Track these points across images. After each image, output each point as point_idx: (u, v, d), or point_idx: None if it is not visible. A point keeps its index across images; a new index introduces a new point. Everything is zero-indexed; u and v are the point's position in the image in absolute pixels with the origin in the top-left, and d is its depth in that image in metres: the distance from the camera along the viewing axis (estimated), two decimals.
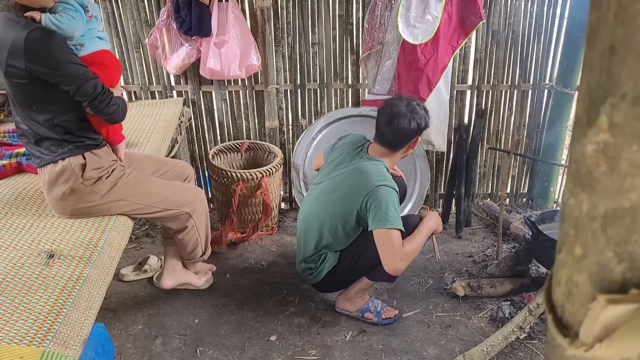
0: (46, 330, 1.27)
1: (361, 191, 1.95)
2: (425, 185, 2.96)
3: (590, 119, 0.38)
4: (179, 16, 2.63)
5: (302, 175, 2.95)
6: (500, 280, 2.43)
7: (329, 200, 2.08)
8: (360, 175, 1.99)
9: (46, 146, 1.76)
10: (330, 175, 2.13)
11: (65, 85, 1.65)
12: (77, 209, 1.81)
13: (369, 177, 1.96)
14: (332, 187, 2.09)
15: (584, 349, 0.40)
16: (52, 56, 1.61)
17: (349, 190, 2.01)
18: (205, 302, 2.38)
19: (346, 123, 2.90)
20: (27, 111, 1.71)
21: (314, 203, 2.15)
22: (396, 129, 1.96)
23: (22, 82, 1.63)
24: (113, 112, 1.77)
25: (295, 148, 2.94)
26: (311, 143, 2.92)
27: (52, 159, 1.76)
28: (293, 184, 3.01)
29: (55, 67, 1.62)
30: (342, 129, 2.85)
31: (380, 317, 2.24)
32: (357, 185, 1.98)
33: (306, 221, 2.16)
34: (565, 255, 0.43)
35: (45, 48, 1.60)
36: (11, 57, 1.58)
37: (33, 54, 1.57)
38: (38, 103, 1.69)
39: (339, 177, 2.08)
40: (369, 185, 1.93)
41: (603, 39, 0.36)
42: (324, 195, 2.11)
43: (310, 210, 2.15)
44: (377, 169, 1.99)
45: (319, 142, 2.91)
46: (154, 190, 1.98)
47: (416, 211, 2.89)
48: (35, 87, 1.64)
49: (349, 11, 2.77)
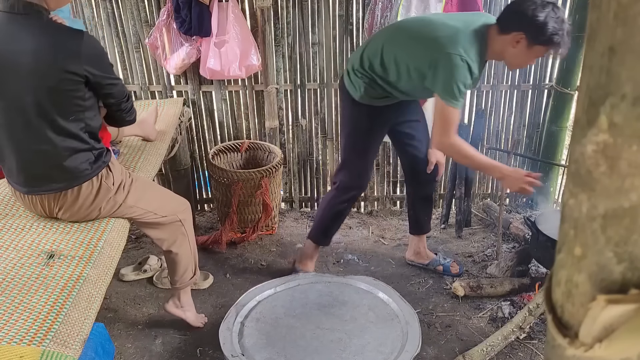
0: (46, 330, 1.27)
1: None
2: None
3: (590, 119, 0.38)
4: (179, 16, 2.63)
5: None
6: (500, 280, 2.43)
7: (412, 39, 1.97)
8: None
9: (79, 162, 1.64)
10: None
11: (110, 88, 1.64)
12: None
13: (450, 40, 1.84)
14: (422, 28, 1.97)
15: (583, 349, 0.40)
16: (104, 58, 1.62)
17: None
18: (205, 302, 2.38)
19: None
20: (63, 124, 1.58)
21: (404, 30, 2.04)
22: (513, 2, 1.87)
23: (70, 90, 1.55)
24: (134, 111, 1.78)
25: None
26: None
27: (88, 175, 1.66)
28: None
29: (106, 69, 1.61)
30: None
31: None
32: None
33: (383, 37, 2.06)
34: (565, 256, 0.43)
35: (99, 50, 1.60)
36: (69, 62, 1.51)
37: (92, 58, 1.55)
38: (76, 111, 1.60)
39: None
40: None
41: (603, 39, 0.36)
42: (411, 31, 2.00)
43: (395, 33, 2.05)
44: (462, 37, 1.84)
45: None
46: (158, 194, 1.95)
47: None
48: (79, 92, 1.57)
49: (349, 11, 2.77)
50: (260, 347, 1.91)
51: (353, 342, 1.94)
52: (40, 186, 1.66)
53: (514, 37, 1.82)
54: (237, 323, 2.01)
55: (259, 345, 1.92)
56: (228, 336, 1.93)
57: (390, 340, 1.94)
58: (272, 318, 2.06)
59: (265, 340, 1.94)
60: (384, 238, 2.94)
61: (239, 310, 2.07)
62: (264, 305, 2.13)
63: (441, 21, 1.93)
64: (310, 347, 1.92)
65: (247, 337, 1.96)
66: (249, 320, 2.04)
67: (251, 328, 2.01)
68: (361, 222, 3.12)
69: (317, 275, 2.32)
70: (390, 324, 2.02)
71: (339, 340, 1.95)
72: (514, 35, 1.82)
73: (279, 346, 1.92)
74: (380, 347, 1.91)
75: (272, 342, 1.93)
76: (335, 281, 2.28)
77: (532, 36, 1.79)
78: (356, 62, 2.07)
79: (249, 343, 1.93)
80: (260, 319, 2.06)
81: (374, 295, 2.18)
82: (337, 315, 2.08)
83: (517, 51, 1.86)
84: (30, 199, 1.71)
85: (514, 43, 1.84)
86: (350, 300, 2.16)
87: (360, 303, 2.14)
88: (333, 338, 1.96)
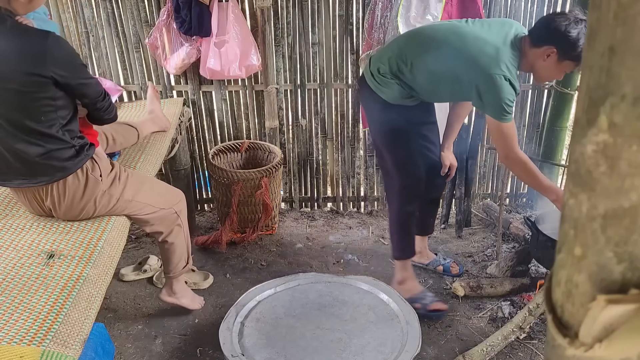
0: (46, 330, 1.27)
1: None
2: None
3: (590, 119, 0.38)
4: (179, 16, 2.63)
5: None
6: (500, 280, 2.43)
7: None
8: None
9: (58, 159, 1.64)
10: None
11: (81, 88, 1.62)
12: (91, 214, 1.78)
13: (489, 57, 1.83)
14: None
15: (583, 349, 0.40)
16: (72, 58, 1.59)
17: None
18: (205, 302, 2.38)
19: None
20: (34, 126, 1.58)
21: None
22: (546, 16, 1.89)
23: (37, 92, 1.55)
24: (114, 109, 1.77)
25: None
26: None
27: (70, 168, 1.67)
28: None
29: (75, 69, 1.59)
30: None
31: (426, 309, 2.24)
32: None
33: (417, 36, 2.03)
34: (565, 256, 0.43)
35: (66, 51, 1.57)
36: (34, 65, 1.50)
37: (57, 59, 1.53)
38: (47, 111, 1.59)
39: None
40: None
41: (603, 39, 0.36)
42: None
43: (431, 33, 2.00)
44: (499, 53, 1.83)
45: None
46: (154, 187, 1.96)
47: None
48: (48, 93, 1.56)
49: (349, 11, 2.77)
50: (260, 347, 1.91)
51: (353, 342, 1.94)
52: (28, 179, 1.66)
53: (545, 50, 1.83)
54: (237, 323, 2.01)
55: (259, 345, 1.92)
56: (228, 336, 1.93)
57: (390, 340, 1.94)
58: (272, 318, 2.06)
59: (265, 340, 1.94)
60: (384, 238, 2.94)
61: (239, 310, 2.07)
62: (264, 305, 2.13)
63: (476, 35, 1.89)
64: (310, 347, 1.92)
65: (247, 337, 1.96)
66: (249, 320, 2.04)
67: (251, 328, 2.01)
68: (361, 222, 3.12)
69: (317, 275, 2.32)
70: (390, 324, 2.02)
71: (339, 340, 1.95)
72: (545, 49, 1.83)
73: (279, 346, 1.92)
74: (380, 347, 1.91)
75: (272, 342, 1.93)
76: (335, 281, 2.28)
77: (564, 52, 1.81)
78: (383, 66, 2.02)
79: (249, 343, 1.93)
80: (260, 319, 2.06)
81: (374, 295, 2.18)
82: (337, 315, 2.08)
83: (547, 65, 1.87)
84: (24, 194, 1.72)
85: (545, 57, 1.84)
86: (350, 300, 2.16)
87: (360, 303, 2.14)
88: (333, 338, 1.96)
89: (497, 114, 1.86)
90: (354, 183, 3.17)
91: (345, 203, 3.22)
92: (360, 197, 3.22)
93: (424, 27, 2.10)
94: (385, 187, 2.34)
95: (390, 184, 2.24)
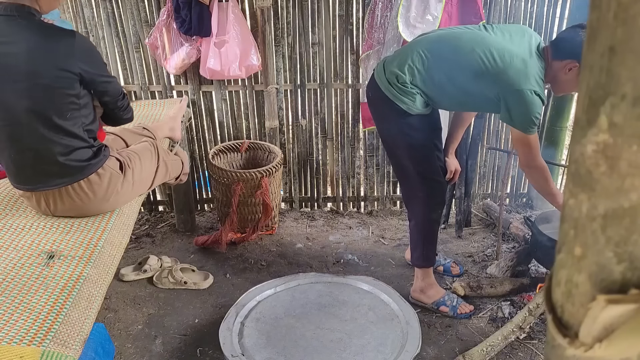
0: (46, 330, 1.27)
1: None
2: None
3: (590, 119, 0.38)
4: (179, 16, 2.63)
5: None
6: (500, 280, 2.43)
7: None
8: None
9: (79, 160, 1.66)
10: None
11: (104, 85, 1.66)
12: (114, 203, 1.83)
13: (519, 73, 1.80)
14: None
15: (583, 349, 0.40)
16: (96, 56, 1.64)
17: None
18: (205, 302, 2.38)
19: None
20: (61, 122, 1.60)
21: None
22: (571, 29, 1.87)
23: (66, 89, 1.57)
24: (131, 109, 1.80)
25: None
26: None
27: (90, 169, 1.69)
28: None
29: (99, 66, 1.64)
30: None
31: (455, 311, 2.26)
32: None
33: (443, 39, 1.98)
34: (565, 256, 0.43)
35: (91, 48, 1.62)
36: (63, 61, 1.53)
37: (85, 56, 1.57)
38: (73, 109, 1.62)
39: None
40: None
41: (603, 39, 0.36)
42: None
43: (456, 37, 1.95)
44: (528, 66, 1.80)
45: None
46: (142, 151, 1.97)
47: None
48: (75, 91, 1.59)
49: (349, 11, 2.77)
50: (260, 347, 1.91)
51: (353, 342, 1.94)
52: (42, 183, 1.68)
53: (567, 64, 1.82)
54: (237, 323, 2.01)
55: (259, 345, 1.92)
56: (228, 336, 1.93)
57: (390, 340, 1.94)
58: (272, 318, 2.06)
59: (265, 340, 1.94)
60: (384, 238, 2.94)
61: (239, 310, 2.07)
62: (264, 305, 2.13)
63: (502, 46, 1.84)
64: (310, 347, 1.92)
65: (247, 337, 1.96)
66: (249, 320, 2.05)
67: (251, 328, 2.01)
68: (361, 222, 3.12)
69: (317, 275, 2.32)
70: (390, 324, 2.02)
71: (339, 340, 1.95)
72: (568, 62, 1.81)
73: (279, 346, 1.92)
74: (380, 347, 1.91)
75: (272, 342, 1.94)
76: (335, 281, 2.28)
77: None
78: (402, 75, 1.96)
79: (249, 343, 1.93)
80: (260, 319, 2.06)
81: (374, 295, 2.18)
82: (337, 315, 2.08)
83: (567, 78, 1.85)
84: (35, 198, 1.72)
85: (566, 70, 1.83)
86: (350, 300, 2.16)
87: (361, 303, 2.14)
88: (333, 338, 1.96)
89: (524, 128, 1.85)
90: (354, 183, 3.17)
91: (345, 203, 3.23)
92: (360, 197, 3.22)
93: (443, 35, 2.01)
94: (405, 196, 2.27)
95: (413, 193, 2.19)
